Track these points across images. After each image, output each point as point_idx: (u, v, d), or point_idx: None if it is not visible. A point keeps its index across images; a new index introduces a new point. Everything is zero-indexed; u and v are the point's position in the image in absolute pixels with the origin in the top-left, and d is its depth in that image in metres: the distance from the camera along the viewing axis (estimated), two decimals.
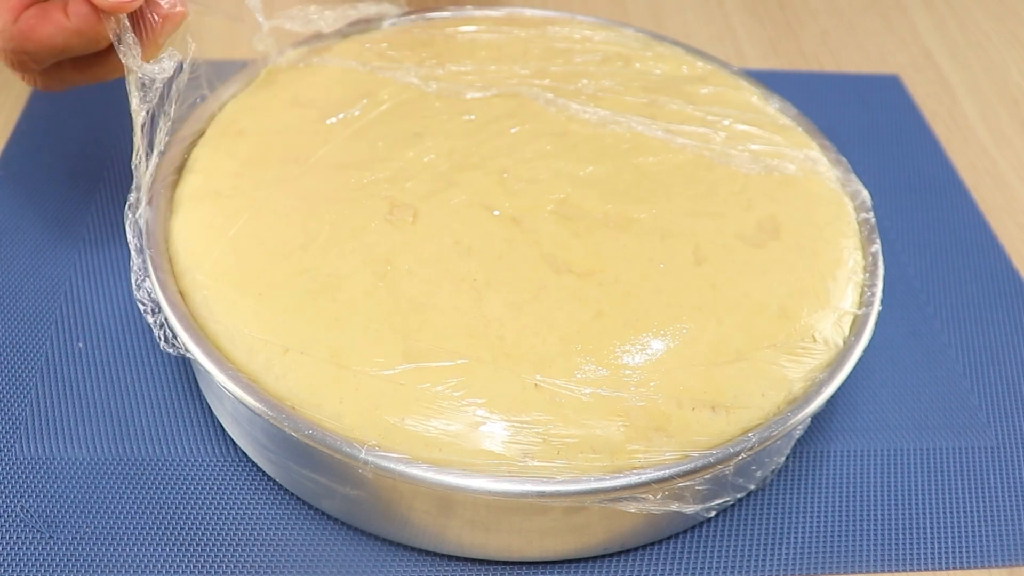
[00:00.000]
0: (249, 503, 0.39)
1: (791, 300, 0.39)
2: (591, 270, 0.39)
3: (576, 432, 0.34)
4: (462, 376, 0.35)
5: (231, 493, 0.39)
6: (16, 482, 0.39)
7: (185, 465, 0.40)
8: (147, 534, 0.38)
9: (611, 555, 0.38)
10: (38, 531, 0.37)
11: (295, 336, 0.36)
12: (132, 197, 0.39)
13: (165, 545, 0.37)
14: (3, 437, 0.40)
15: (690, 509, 0.36)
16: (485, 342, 0.36)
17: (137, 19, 0.38)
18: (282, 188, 0.41)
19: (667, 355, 0.36)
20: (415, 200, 0.41)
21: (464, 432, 0.34)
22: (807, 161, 0.45)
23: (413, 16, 0.53)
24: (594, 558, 0.38)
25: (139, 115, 0.38)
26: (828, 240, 0.42)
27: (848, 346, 0.38)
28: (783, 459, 0.41)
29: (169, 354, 0.44)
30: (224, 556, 0.37)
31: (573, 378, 0.35)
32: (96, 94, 0.58)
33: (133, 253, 0.37)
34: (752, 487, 0.40)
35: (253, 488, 0.40)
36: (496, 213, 0.41)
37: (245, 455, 0.40)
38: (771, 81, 0.51)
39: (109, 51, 0.40)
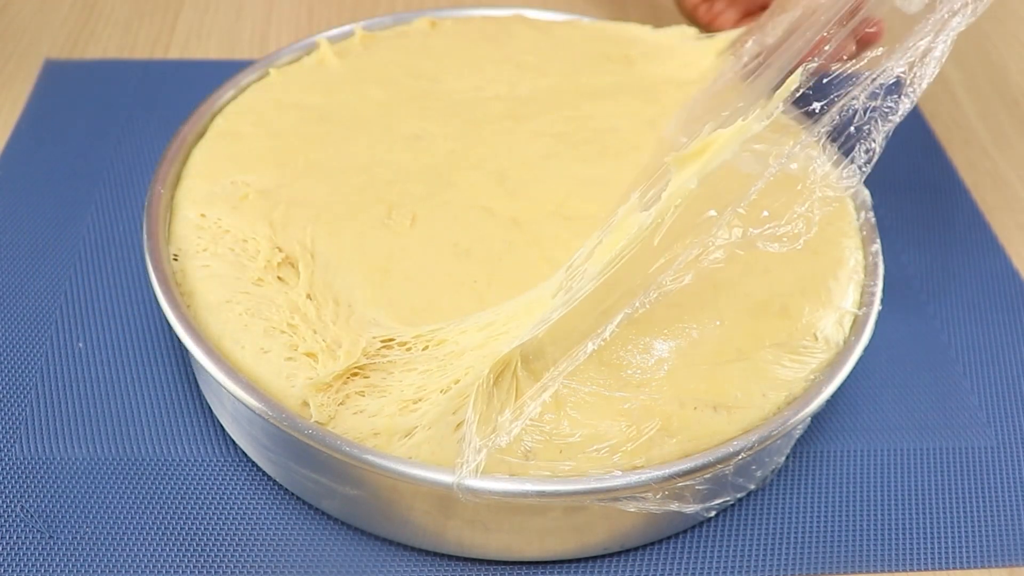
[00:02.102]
0: (249, 503, 0.39)
1: (792, 299, 0.39)
2: None
3: (578, 431, 0.34)
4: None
5: (231, 493, 0.39)
6: (16, 482, 0.39)
7: (185, 465, 0.40)
8: (147, 534, 0.38)
9: (611, 555, 0.38)
10: (38, 531, 0.37)
11: (300, 339, 0.36)
12: None
13: (165, 545, 0.37)
14: (3, 437, 0.40)
15: (690, 509, 0.36)
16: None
17: None
18: (280, 191, 0.41)
19: (669, 355, 0.36)
20: (414, 202, 0.41)
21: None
22: (808, 160, 0.45)
23: (413, 17, 0.53)
24: (594, 558, 0.38)
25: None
26: (829, 240, 0.42)
27: (848, 346, 0.38)
28: (783, 459, 0.41)
29: (170, 353, 0.44)
30: (224, 556, 0.37)
31: (575, 377, 0.35)
32: (96, 95, 0.58)
33: None
34: (752, 487, 0.40)
35: (253, 488, 0.40)
36: (496, 215, 0.41)
37: (245, 455, 0.40)
38: None
39: None
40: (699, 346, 0.36)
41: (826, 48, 0.39)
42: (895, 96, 0.38)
